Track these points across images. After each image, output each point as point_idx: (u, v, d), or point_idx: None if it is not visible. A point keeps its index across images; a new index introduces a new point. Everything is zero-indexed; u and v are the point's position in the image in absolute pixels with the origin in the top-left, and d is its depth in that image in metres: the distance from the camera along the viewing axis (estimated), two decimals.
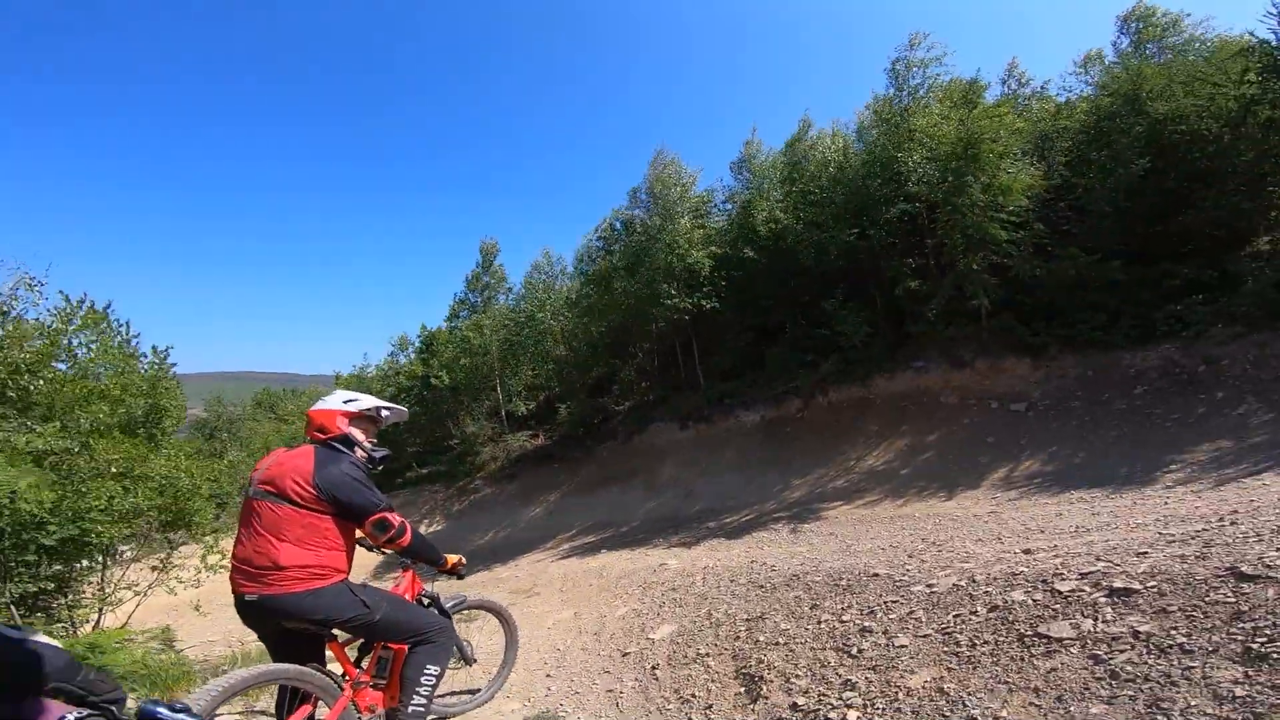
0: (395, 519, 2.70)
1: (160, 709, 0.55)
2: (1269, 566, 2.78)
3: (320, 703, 2.60)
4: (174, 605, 9.94)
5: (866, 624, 4.00)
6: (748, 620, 4.90)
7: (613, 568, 9.08)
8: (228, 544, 9.23)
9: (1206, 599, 2.74)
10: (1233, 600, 2.66)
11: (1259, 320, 10.30)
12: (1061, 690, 2.65)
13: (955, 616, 3.58)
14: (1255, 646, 2.40)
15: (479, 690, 3.73)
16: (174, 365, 8.85)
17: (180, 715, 0.56)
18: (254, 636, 2.74)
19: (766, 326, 16.82)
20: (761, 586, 5.65)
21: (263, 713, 4.22)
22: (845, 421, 13.43)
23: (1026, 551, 4.57)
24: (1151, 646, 2.60)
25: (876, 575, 4.81)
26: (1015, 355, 12.55)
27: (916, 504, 9.47)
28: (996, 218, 12.61)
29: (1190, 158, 13.28)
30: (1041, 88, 18.31)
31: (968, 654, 3.18)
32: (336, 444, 2.74)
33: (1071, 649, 2.81)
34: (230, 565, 2.53)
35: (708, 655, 4.62)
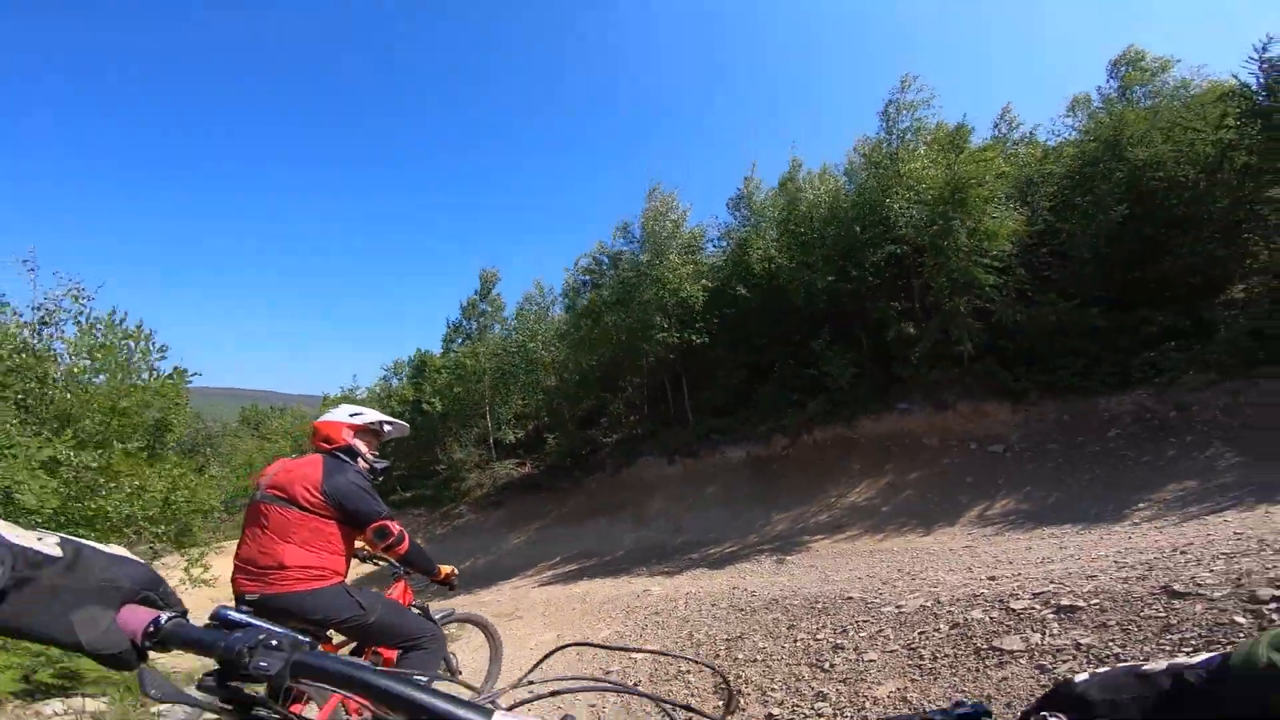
0: (395, 527, 2.85)
1: (230, 611, 0.74)
2: (1199, 585, 3.05)
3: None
4: None
5: (839, 641, 4.20)
6: (728, 640, 5.07)
7: (596, 593, 9.17)
8: (211, 559, 9.20)
9: (1141, 614, 2.99)
10: (1164, 615, 2.92)
11: (1232, 368, 10.33)
12: (1011, 697, 2.87)
13: (920, 633, 3.80)
14: (1181, 656, 2.65)
15: None
16: (190, 382, 8.82)
17: (245, 614, 0.74)
18: None
19: (760, 365, 16.96)
20: (742, 610, 5.82)
21: None
22: (830, 460, 13.64)
23: (991, 578, 4.80)
24: (1091, 657, 2.84)
25: (850, 598, 5.02)
26: (997, 399, 12.82)
27: (895, 539, 9.68)
28: (980, 262, 12.83)
29: (1168, 204, 13.33)
30: (1030, 132, 18.57)
31: (929, 666, 3.40)
32: (341, 454, 2.91)
33: (1021, 660, 3.04)
34: (233, 566, 2.66)
35: (688, 672, 4.77)
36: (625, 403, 20.91)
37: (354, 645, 2.99)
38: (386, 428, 3.19)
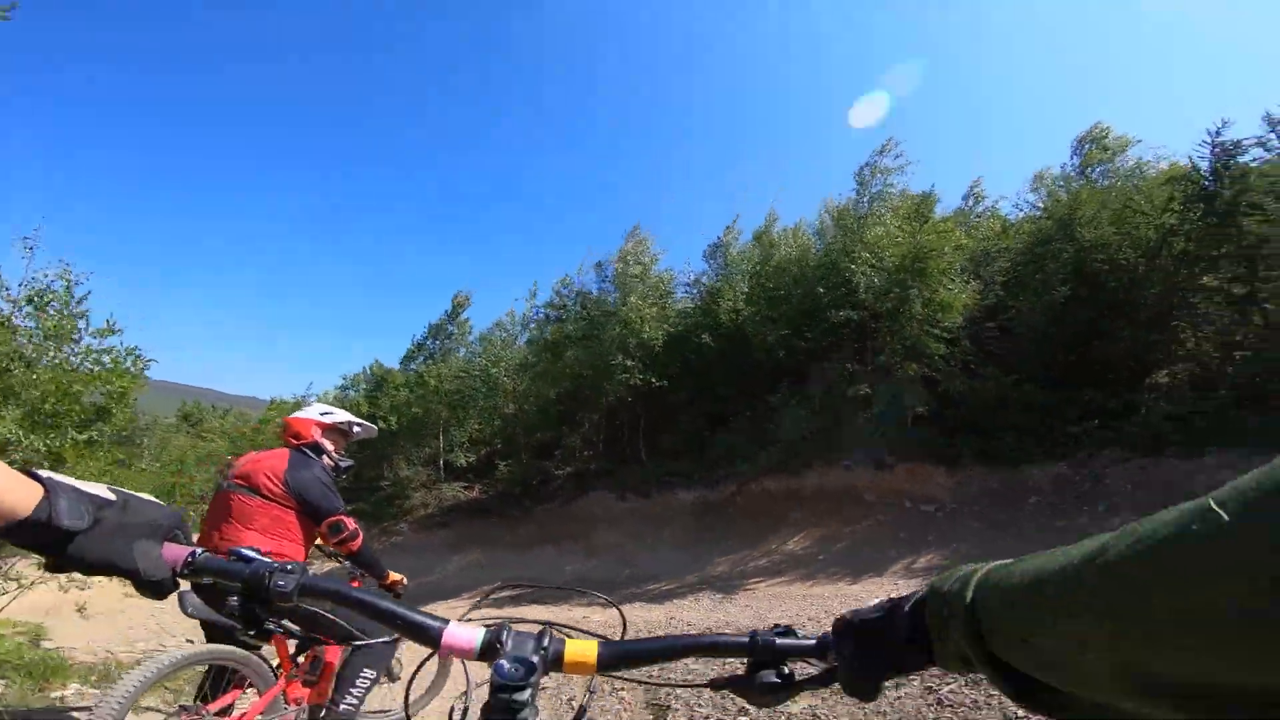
0: (350, 523, 3.03)
1: (243, 549, 0.78)
2: None
3: (250, 689, 2.74)
4: (56, 604, 9.47)
5: None
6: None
7: (535, 616, 9.28)
8: None
9: None
10: None
11: (1146, 447, 11.00)
12: (903, 714, 3.30)
13: None
14: None
15: (390, 711, 3.63)
16: (146, 368, 8.49)
17: (256, 551, 0.79)
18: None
19: (722, 415, 17.19)
20: None
21: (153, 708, 4.26)
22: (778, 510, 14.01)
23: None
24: (969, 680, 3.28)
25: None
26: (935, 463, 13.37)
27: (826, 585, 10.13)
28: (931, 332, 13.33)
29: (1108, 287, 13.34)
30: (993, 205, 18.94)
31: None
32: (307, 450, 3.14)
33: (913, 682, 3.48)
34: None
35: (622, 690, 5.03)
36: (582, 438, 20.98)
37: (298, 643, 2.93)
38: (355, 429, 3.42)
